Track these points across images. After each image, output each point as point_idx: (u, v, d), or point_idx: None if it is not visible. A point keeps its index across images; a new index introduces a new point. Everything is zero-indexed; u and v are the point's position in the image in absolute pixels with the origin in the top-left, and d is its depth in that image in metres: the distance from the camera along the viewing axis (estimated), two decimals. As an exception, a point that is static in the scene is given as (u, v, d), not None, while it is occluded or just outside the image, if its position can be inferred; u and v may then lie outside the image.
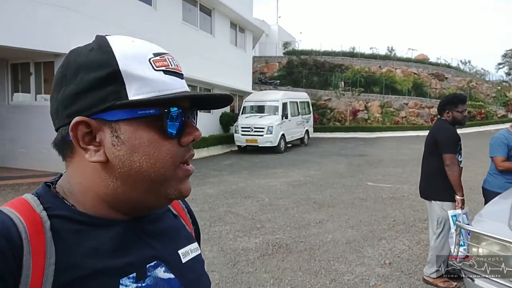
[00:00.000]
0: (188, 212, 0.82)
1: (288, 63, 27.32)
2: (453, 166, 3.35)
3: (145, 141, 0.57)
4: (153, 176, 0.58)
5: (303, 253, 4.36)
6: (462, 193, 3.35)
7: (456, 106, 3.51)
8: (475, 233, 2.18)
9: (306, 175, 9.46)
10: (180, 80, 0.62)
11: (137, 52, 0.58)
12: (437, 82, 28.66)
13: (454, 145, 3.42)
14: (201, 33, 14.83)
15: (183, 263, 0.68)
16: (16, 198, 0.59)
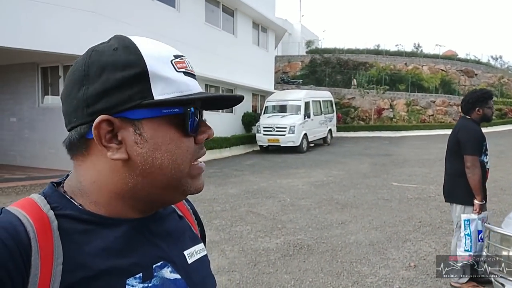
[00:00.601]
0: (193, 213, 0.82)
1: (311, 62, 27.10)
2: (474, 169, 3.20)
3: (167, 139, 0.59)
4: (173, 172, 0.60)
5: (325, 254, 4.29)
6: (481, 198, 3.21)
7: (486, 102, 3.36)
8: (506, 235, 2.06)
9: (329, 175, 9.34)
10: (195, 81, 0.65)
11: (161, 53, 0.60)
12: (466, 78, 27.71)
13: (478, 146, 3.27)
14: (224, 33, 14.92)
15: (189, 263, 0.68)
16: (23, 198, 0.59)
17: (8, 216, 0.54)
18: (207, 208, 6.21)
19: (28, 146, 10.20)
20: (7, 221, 0.53)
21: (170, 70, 0.59)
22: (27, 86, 10.20)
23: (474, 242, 3.17)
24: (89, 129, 0.58)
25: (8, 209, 0.56)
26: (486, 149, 3.35)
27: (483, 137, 3.32)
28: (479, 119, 3.38)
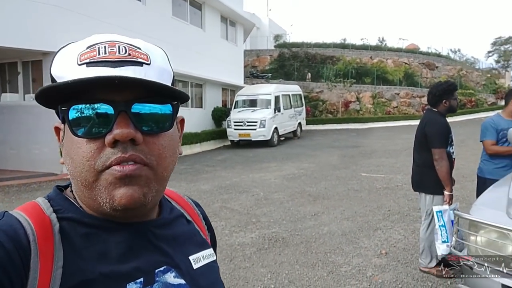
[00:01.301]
0: (203, 219, 0.81)
1: (280, 56, 27.22)
2: (442, 161, 3.30)
3: (68, 143, 0.57)
4: (80, 180, 0.56)
5: (299, 246, 4.35)
6: (450, 188, 3.32)
7: (452, 94, 3.44)
8: (474, 221, 2.17)
9: (300, 168, 9.46)
10: (110, 69, 0.54)
11: (71, 50, 0.57)
12: (427, 71, 28.81)
13: (445, 139, 3.36)
14: (192, 27, 14.69)
15: (195, 269, 0.66)
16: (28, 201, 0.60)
17: (9, 219, 0.54)
18: (180, 205, 6.12)
19: (-15, 146, 9.65)
20: (7, 224, 0.53)
21: (70, 66, 0.55)
22: (-17, 83, 9.63)
23: (450, 232, 3.28)
24: None
25: (10, 213, 0.56)
26: (452, 140, 3.46)
27: (449, 130, 3.41)
28: (445, 110, 3.46)
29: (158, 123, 0.58)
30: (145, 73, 0.56)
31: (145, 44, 0.62)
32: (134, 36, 0.63)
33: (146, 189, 0.57)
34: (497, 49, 46.12)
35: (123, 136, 0.53)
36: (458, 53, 37.09)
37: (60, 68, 0.56)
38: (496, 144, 3.68)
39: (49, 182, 8.24)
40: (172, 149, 0.61)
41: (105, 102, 0.54)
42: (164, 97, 0.59)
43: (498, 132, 3.66)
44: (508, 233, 2.02)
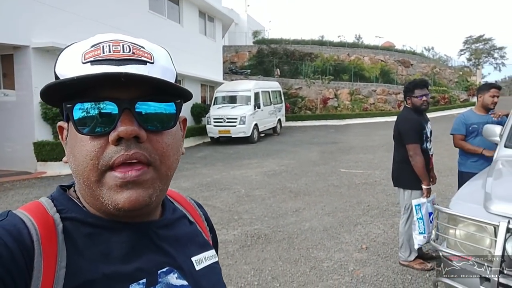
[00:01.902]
0: (205, 219, 0.81)
1: (258, 52, 27.20)
2: (416, 157, 3.40)
3: (72, 141, 0.57)
4: (82, 179, 0.56)
5: (282, 243, 4.38)
6: (427, 182, 3.42)
7: (412, 92, 3.47)
8: (452, 215, 2.23)
9: (281, 165, 9.51)
10: (115, 67, 0.54)
11: (74, 49, 0.57)
12: (403, 68, 29.48)
13: (417, 134, 3.44)
14: (169, 22, 14.47)
15: (197, 270, 0.66)
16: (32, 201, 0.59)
17: (13, 219, 0.54)
18: (160, 203, 6.05)
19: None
20: (11, 224, 0.53)
21: (74, 64, 0.55)
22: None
23: (427, 224, 3.40)
24: None
25: (14, 212, 0.56)
26: (428, 137, 3.53)
27: (421, 125, 3.45)
28: (413, 108, 3.51)
29: (162, 121, 0.58)
30: (149, 72, 0.56)
31: (148, 44, 0.62)
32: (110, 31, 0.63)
33: (151, 190, 0.57)
34: (469, 47, 47.72)
35: (127, 133, 0.53)
36: (431, 51, 38.24)
37: (64, 67, 0.56)
38: (464, 138, 3.89)
39: (22, 181, 7.96)
40: (176, 147, 0.61)
41: (110, 99, 0.54)
42: (167, 95, 0.59)
43: (468, 126, 3.87)
44: (485, 227, 2.09)
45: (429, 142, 3.55)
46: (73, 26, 9.26)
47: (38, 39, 8.39)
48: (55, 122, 8.83)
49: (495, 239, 1.95)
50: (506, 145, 3.08)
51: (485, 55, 47.86)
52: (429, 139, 3.56)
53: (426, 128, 3.50)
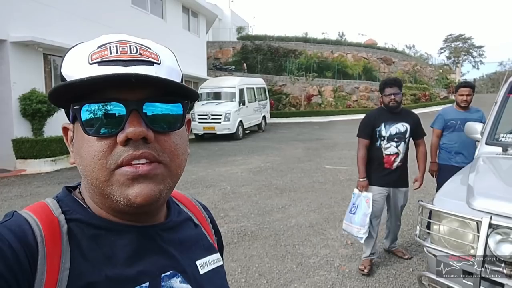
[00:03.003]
0: (211, 222, 0.80)
1: (243, 49, 27.12)
2: (358, 150, 3.55)
3: (79, 142, 0.57)
4: (90, 180, 0.56)
5: (268, 239, 4.40)
6: (360, 175, 3.52)
7: (383, 90, 3.49)
8: (437, 211, 2.29)
9: (266, 161, 9.53)
10: (122, 68, 0.54)
11: (80, 50, 0.57)
12: (385, 66, 29.92)
13: (365, 130, 3.52)
14: (152, 17, 14.27)
15: (201, 274, 0.66)
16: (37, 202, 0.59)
17: (18, 219, 0.54)
18: (145, 201, 5.99)
19: None
20: (16, 224, 0.53)
21: (81, 65, 0.55)
22: None
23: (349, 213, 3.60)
24: None
25: (19, 213, 0.56)
26: (382, 136, 3.45)
27: (372, 123, 3.49)
28: (385, 106, 3.51)
29: (169, 122, 0.58)
30: (156, 72, 0.56)
31: (154, 44, 0.62)
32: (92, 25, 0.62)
33: (162, 186, 0.57)
34: (449, 45, 48.77)
35: (135, 134, 0.53)
36: (413, 49, 38.97)
37: (71, 67, 0.56)
38: (442, 132, 4.19)
39: (1, 179, 7.74)
40: (184, 147, 0.62)
41: (117, 101, 0.54)
42: (174, 95, 0.59)
43: (446, 121, 4.16)
44: (468, 222, 2.15)
45: (385, 141, 3.46)
46: (53, 21, 9.02)
47: (17, 33, 8.15)
48: (34, 119, 8.60)
49: (478, 235, 2.01)
50: (487, 142, 3.17)
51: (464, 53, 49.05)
52: (385, 138, 3.45)
53: (383, 127, 3.46)
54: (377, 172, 3.50)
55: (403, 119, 3.49)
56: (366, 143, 3.51)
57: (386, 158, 3.47)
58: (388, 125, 3.45)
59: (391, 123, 3.45)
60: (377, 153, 3.49)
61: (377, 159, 3.49)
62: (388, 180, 3.51)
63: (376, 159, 3.50)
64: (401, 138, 3.47)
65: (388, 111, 3.48)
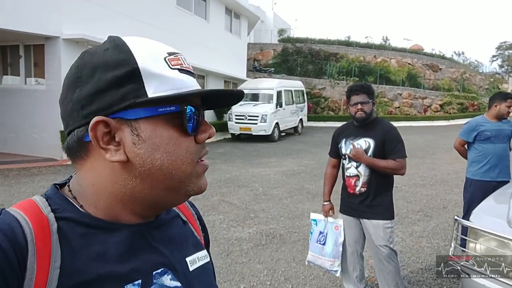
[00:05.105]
0: (198, 219, 0.80)
1: (283, 51, 27.09)
2: (326, 167, 3.18)
3: (165, 139, 0.58)
4: (174, 173, 0.59)
5: (297, 244, 4.35)
6: (324, 198, 3.14)
7: (349, 98, 2.86)
8: (473, 228, 2.16)
9: (300, 165, 9.45)
10: (193, 79, 0.62)
11: (153, 51, 0.59)
12: (431, 73, 28.73)
13: (331, 145, 3.07)
14: (196, 18, 14.58)
15: (191, 271, 0.67)
16: (25, 199, 0.59)
17: (7, 217, 0.54)
18: (178, 197, 6.13)
19: (-15, 129, 9.62)
20: (5, 222, 0.53)
21: (164, 67, 0.58)
22: (-15, 65, 9.56)
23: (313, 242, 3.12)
24: (86, 131, 0.57)
25: (7, 211, 0.55)
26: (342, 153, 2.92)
27: (336, 138, 3.02)
28: (351, 117, 2.92)
29: None
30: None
31: None
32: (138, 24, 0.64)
33: None
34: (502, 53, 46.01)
35: (212, 134, 0.64)
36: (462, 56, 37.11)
37: (153, 65, 0.57)
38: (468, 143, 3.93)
39: (48, 167, 8.23)
40: None
41: (199, 106, 0.62)
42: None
43: (478, 133, 3.83)
44: (508, 242, 2.01)
45: (346, 160, 2.88)
46: (102, 19, 9.47)
47: (69, 31, 8.63)
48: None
49: (518, 256, 1.88)
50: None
51: (518, 62, 46.04)
52: (345, 156, 2.88)
53: (343, 144, 2.91)
54: (343, 197, 2.99)
55: (368, 134, 2.80)
56: (332, 161, 3.07)
57: (347, 180, 2.90)
58: (348, 140, 2.86)
59: (353, 138, 2.85)
60: (342, 174, 2.98)
61: (343, 181, 2.97)
62: (352, 207, 2.90)
63: (343, 181, 2.98)
64: None
65: (356, 124, 2.89)
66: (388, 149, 2.76)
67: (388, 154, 2.76)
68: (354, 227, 2.95)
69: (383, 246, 2.80)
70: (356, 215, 2.91)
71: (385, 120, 3.08)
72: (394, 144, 2.77)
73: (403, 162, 2.76)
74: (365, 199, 2.82)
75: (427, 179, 7.95)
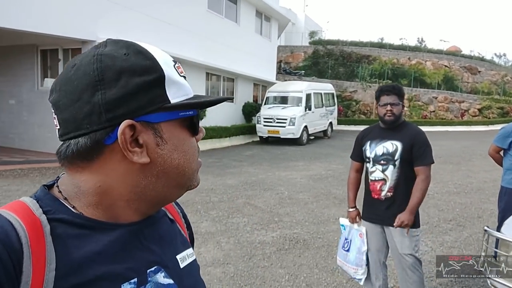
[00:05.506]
0: (183, 217, 0.82)
1: (314, 53, 26.89)
2: (349, 172, 3.04)
3: (181, 140, 0.63)
4: (186, 170, 0.64)
5: (320, 250, 4.28)
6: (349, 205, 2.98)
7: (378, 99, 2.78)
8: (505, 240, 2.03)
9: (328, 169, 9.31)
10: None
11: (166, 58, 0.62)
12: (469, 75, 27.55)
13: (354, 148, 2.98)
14: (226, 21, 14.74)
15: (181, 268, 0.68)
16: (14, 201, 0.58)
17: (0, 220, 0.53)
18: (204, 198, 6.19)
19: (27, 129, 10.14)
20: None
21: (176, 74, 0.62)
22: (27, 68, 10.08)
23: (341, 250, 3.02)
24: (106, 134, 0.57)
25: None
26: (367, 156, 2.81)
27: (360, 140, 2.93)
28: (379, 119, 2.82)
29: None
30: None
31: None
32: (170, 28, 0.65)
33: None
34: (548, 55, 43.39)
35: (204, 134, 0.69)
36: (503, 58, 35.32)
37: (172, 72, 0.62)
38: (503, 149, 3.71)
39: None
40: None
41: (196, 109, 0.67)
42: None
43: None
44: (544, 258, 1.88)
45: (370, 163, 2.78)
46: (135, 23, 9.77)
47: (104, 35, 8.94)
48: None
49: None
50: None
51: None
52: (370, 159, 2.77)
53: (368, 146, 2.81)
54: (367, 203, 2.87)
55: (395, 136, 2.71)
56: (356, 165, 2.98)
57: (371, 185, 2.77)
58: (374, 143, 2.77)
59: (378, 141, 2.75)
60: (366, 178, 2.86)
61: (366, 186, 2.84)
62: (376, 214, 2.78)
63: (366, 186, 2.85)
64: (389, 161, 2.69)
65: (383, 127, 2.81)
66: (416, 154, 2.65)
67: (416, 159, 2.65)
68: (378, 235, 2.84)
69: (408, 255, 2.68)
70: (380, 222, 2.79)
71: (412, 123, 2.98)
72: (423, 148, 2.67)
73: (428, 172, 2.67)
74: (391, 205, 2.70)
75: (462, 187, 7.60)
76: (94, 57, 0.58)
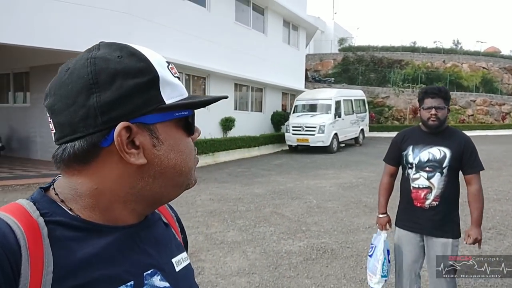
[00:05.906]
0: (177, 221, 0.82)
1: (344, 60, 26.60)
2: (382, 176, 2.87)
3: (177, 140, 0.63)
4: (183, 169, 0.64)
5: (349, 260, 4.15)
6: (379, 210, 2.82)
7: (422, 101, 2.61)
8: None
9: (359, 177, 9.08)
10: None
11: (159, 59, 0.63)
12: (509, 77, 26.22)
13: (390, 152, 2.81)
14: (254, 32, 14.90)
15: (177, 271, 0.69)
16: (10, 203, 0.58)
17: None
18: (231, 207, 6.20)
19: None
20: None
21: (170, 75, 0.62)
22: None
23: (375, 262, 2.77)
24: (103, 137, 0.57)
25: None
26: (409, 162, 2.63)
27: (399, 144, 2.74)
28: (422, 123, 2.66)
29: None
30: None
31: None
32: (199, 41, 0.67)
33: None
34: None
35: (200, 133, 0.70)
36: (547, 56, 33.24)
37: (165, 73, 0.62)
38: None
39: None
40: None
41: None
42: None
43: None
44: None
45: (413, 170, 2.61)
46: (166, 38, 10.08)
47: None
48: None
49: None
50: None
51: None
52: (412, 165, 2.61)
53: (410, 151, 2.64)
54: (405, 210, 2.69)
55: (442, 142, 2.55)
56: (390, 169, 2.81)
57: (414, 192, 2.61)
58: (418, 148, 2.60)
59: (423, 146, 2.59)
60: (405, 185, 2.68)
61: (405, 193, 2.67)
62: (417, 223, 2.61)
63: (404, 193, 2.68)
64: (436, 168, 2.53)
65: (425, 131, 2.65)
66: (466, 162, 2.53)
67: (468, 167, 2.54)
68: (415, 245, 2.66)
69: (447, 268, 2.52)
70: (421, 232, 2.62)
71: (458, 129, 2.85)
72: (473, 156, 2.55)
73: (480, 179, 2.58)
74: (436, 214, 2.55)
75: (503, 193, 7.17)
76: (88, 60, 0.58)
